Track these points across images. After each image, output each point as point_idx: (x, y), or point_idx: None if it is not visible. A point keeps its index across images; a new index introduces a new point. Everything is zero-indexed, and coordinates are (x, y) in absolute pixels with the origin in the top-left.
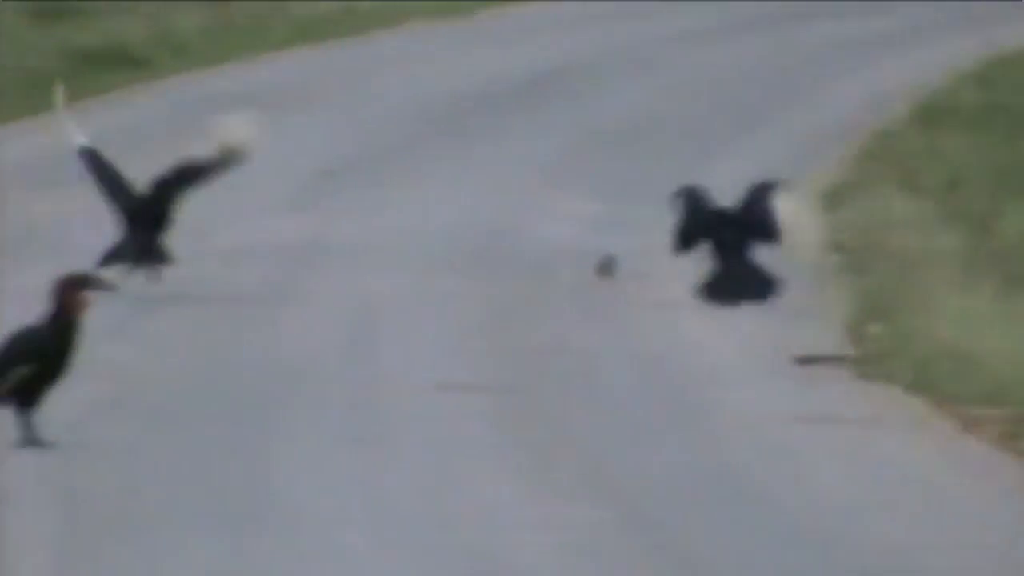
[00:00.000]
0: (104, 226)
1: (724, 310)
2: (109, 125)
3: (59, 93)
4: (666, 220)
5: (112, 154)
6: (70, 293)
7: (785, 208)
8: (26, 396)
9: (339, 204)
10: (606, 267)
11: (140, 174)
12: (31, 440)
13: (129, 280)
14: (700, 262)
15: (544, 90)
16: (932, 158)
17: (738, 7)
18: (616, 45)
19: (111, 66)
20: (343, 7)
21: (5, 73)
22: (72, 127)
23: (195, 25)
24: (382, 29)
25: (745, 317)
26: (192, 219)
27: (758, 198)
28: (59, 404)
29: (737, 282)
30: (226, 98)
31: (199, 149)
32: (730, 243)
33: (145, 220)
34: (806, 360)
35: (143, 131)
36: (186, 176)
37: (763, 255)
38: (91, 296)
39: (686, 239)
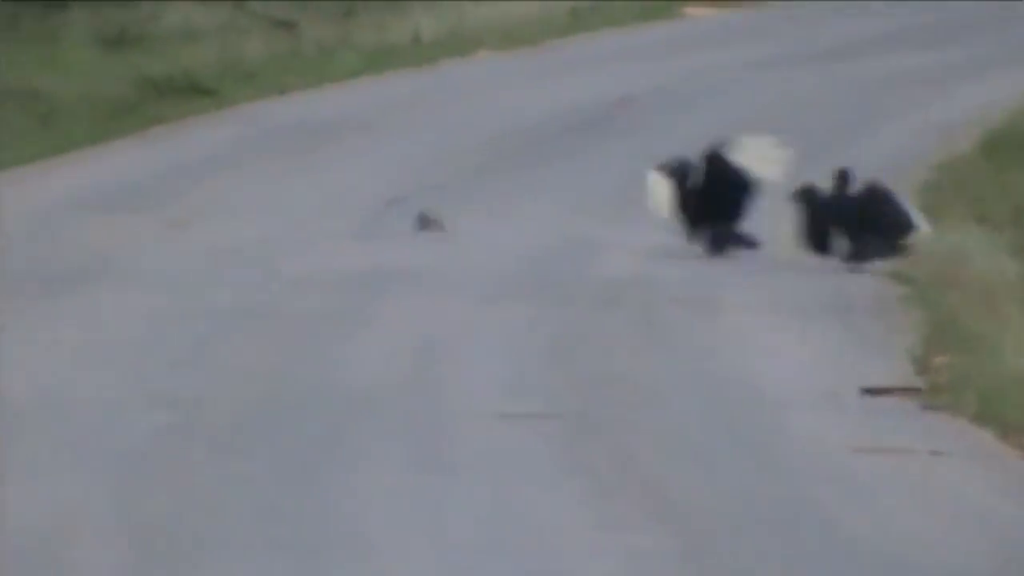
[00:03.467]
0: (159, 256)
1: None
2: (178, 153)
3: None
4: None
5: (176, 183)
6: None
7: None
8: None
9: (405, 232)
10: (424, 221)
11: (210, 201)
12: None
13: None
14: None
15: (609, 121)
16: (999, 189)
17: (805, 39)
18: (680, 77)
19: (180, 94)
20: (410, 36)
21: (76, 101)
22: None
23: (262, 54)
24: (450, 59)
25: (812, 346)
26: (259, 246)
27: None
28: (125, 432)
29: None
30: (293, 127)
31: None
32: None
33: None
34: (873, 391)
35: (212, 159)
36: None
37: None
38: None
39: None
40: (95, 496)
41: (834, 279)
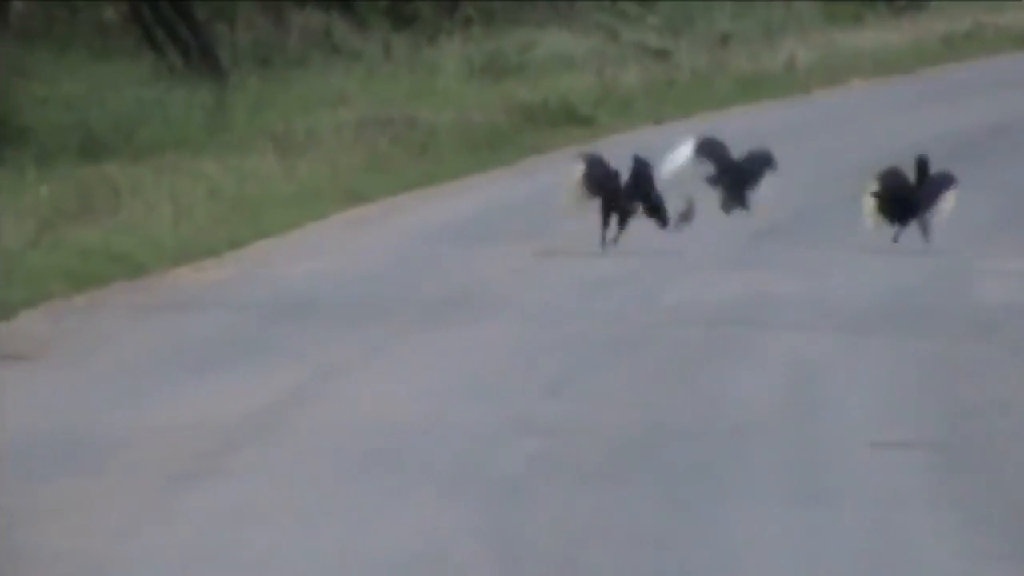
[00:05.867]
0: (532, 285)
1: None
2: (552, 182)
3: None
4: None
5: (550, 212)
6: None
7: None
8: None
9: (779, 261)
10: (686, 214)
11: (582, 230)
12: None
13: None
14: None
15: (982, 149)
16: None
17: None
18: None
19: (555, 123)
20: (783, 65)
21: (452, 130)
22: None
23: (637, 82)
24: (823, 87)
25: None
26: (631, 276)
27: None
28: (498, 459)
29: None
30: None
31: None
32: None
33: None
34: None
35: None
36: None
37: None
38: None
39: None
40: (468, 522)
41: None
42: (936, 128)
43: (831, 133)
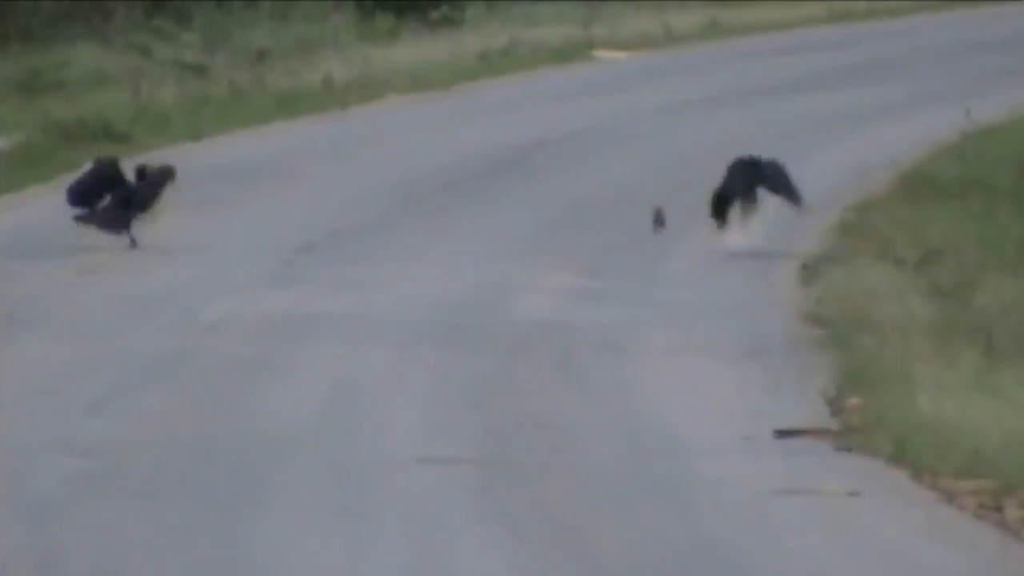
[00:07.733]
0: (73, 302)
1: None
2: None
3: None
4: (643, 293)
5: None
6: None
7: None
8: None
9: (319, 278)
10: (659, 219)
11: (123, 247)
12: None
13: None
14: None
15: (522, 165)
16: (911, 230)
17: (716, 81)
18: (593, 120)
19: (92, 140)
20: (321, 81)
21: None
22: None
23: (175, 98)
24: (359, 103)
25: (724, 390)
26: (173, 293)
27: None
28: (39, 478)
29: None
30: (205, 172)
31: None
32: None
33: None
34: (785, 433)
35: None
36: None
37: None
38: None
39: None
40: (7, 543)
41: (749, 321)
42: (475, 143)
43: (369, 150)
